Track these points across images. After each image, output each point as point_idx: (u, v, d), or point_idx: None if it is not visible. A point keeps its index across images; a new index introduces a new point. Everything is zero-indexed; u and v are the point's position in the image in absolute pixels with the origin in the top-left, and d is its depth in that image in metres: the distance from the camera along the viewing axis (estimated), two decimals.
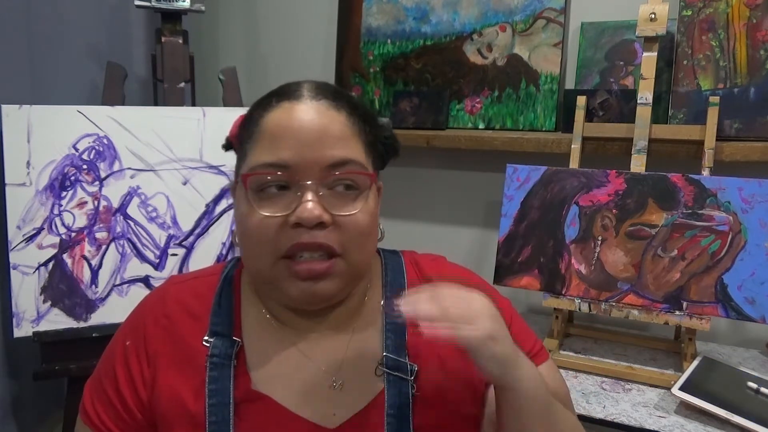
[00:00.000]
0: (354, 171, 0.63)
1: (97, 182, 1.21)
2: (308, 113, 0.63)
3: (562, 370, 1.13)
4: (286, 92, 0.66)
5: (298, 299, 0.65)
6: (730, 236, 1.06)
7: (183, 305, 0.70)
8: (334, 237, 0.62)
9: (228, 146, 0.76)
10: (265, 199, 0.63)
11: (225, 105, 1.40)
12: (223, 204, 1.30)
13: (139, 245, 1.23)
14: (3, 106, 1.14)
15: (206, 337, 0.67)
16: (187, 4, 1.37)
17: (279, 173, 0.62)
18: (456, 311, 0.58)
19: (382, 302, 0.73)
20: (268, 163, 0.62)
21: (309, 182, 0.61)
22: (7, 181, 1.14)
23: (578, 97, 1.26)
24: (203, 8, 1.39)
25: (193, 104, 1.43)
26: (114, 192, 1.22)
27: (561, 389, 0.77)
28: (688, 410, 0.99)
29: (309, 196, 0.61)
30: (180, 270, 1.26)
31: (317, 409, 0.65)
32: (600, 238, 1.15)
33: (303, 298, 0.64)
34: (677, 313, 1.08)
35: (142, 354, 0.68)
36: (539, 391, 0.63)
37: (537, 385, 0.63)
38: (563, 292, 1.16)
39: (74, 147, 1.20)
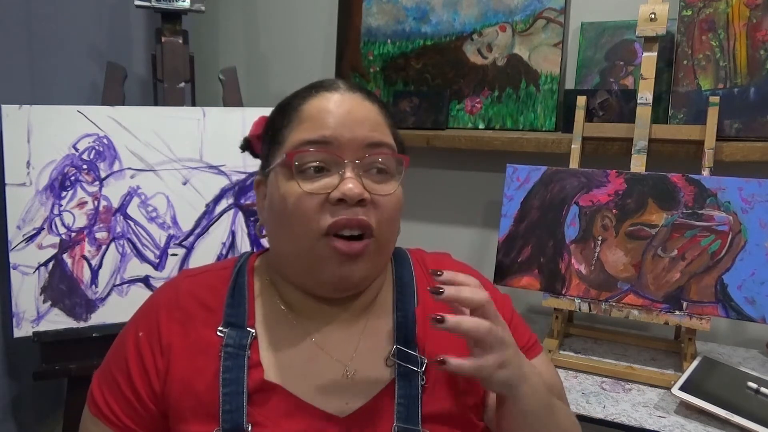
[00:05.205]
0: (389, 153, 0.68)
1: (97, 182, 1.21)
2: (346, 101, 0.68)
3: (562, 370, 1.14)
4: (323, 85, 0.71)
5: (332, 282, 0.67)
6: (730, 236, 1.06)
7: (197, 297, 0.71)
8: (371, 215, 0.65)
9: (246, 147, 0.80)
10: (306, 179, 0.66)
11: (225, 105, 1.40)
12: (223, 204, 1.30)
13: (139, 245, 1.23)
14: (3, 106, 1.14)
15: (221, 328, 0.69)
16: (187, 4, 1.37)
17: (320, 151, 0.65)
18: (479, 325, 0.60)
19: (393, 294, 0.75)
20: (311, 140, 0.66)
21: (348, 161, 0.65)
22: (7, 181, 1.14)
23: (578, 97, 1.26)
24: (203, 8, 1.38)
25: (193, 104, 1.43)
26: (114, 192, 1.22)
27: (555, 383, 0.78)
28: (688, 410, 0.99)
29: (350, 173, 0.65)
30: (180, 270, 1.26)
31: (330, 398, 0.66)
32: (600, 238, 1.15)
33: (337, 281, 0.67)
34: (677, 313, 1.08)
35: (155, 345, 0.68)
36: (541, 401, 0.65)
37: (540, 397, 0.65)
38: (563, 292, 1.16)
39: (74, 147, 1.20)
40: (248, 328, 0.69)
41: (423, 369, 0.68)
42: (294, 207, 0.65)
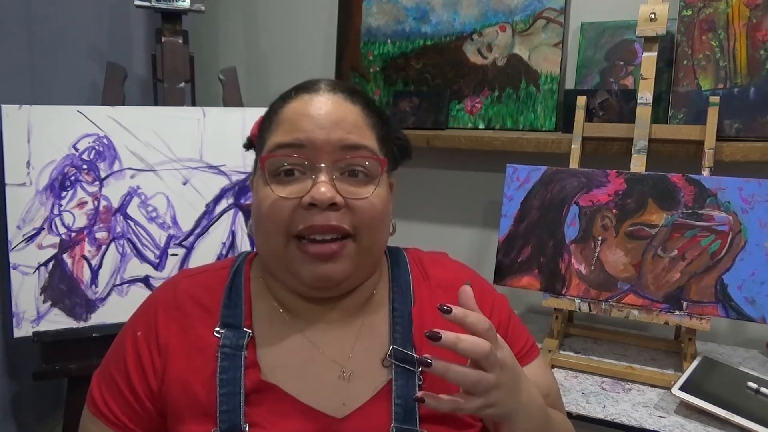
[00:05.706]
0: (366, 156, 0.66)
1: (97, 182, 1.21)
2: (325, 103, 0.67)
3: (562, 370, 1.14)
4: (305, 86, 0.70)
5: (310, 282, 0.67)
6: (730, 236, 1.06)
7: (194, 298, 0.72)
8: (346, 219, 0.65)
9: (249, 145, 0.80)
10: (280, 183, 0.66)
11: (225, 105, 1.40)
12: (223, 204, 1.30)
13: (139, 245, 1.23)
14: (3, 106, 1.14)
15: (217, 328, 0.69)
16: (187, 4, 1.37)
17: (295, 155, 0.65)
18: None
19: (390, 295, 0.74)
20: (284, 143, 0.66)
21: (323, 165, 0.64)
22: (7, 181, 1.14)
23: (578, 97, 1.26)
24: (203, 8, 1.38)
25: (193, 104, 1.43)
26: (114, 192, 1.22)
27: (552, 387, 0.78)
28: (688, 410, 0.99)
29: (323, 177, 0.64)
30: (180, 270, 1.26)
31: (326, 399, 0.66)
32: (600, 238, 1.15)
33: (314, 280, 0.66)
34: (677, 313, 1.08)
35: (153, 344, 0.69)
36: (537, 423, 0.65)
37: (535, 421, 0.64)
38: (563, 292, 1.16)
39: (74, 147, 1.20)
40: (245, 329, 0.69)
41: (420, 369, 0.68)
42: (268, 211, 0.65)
